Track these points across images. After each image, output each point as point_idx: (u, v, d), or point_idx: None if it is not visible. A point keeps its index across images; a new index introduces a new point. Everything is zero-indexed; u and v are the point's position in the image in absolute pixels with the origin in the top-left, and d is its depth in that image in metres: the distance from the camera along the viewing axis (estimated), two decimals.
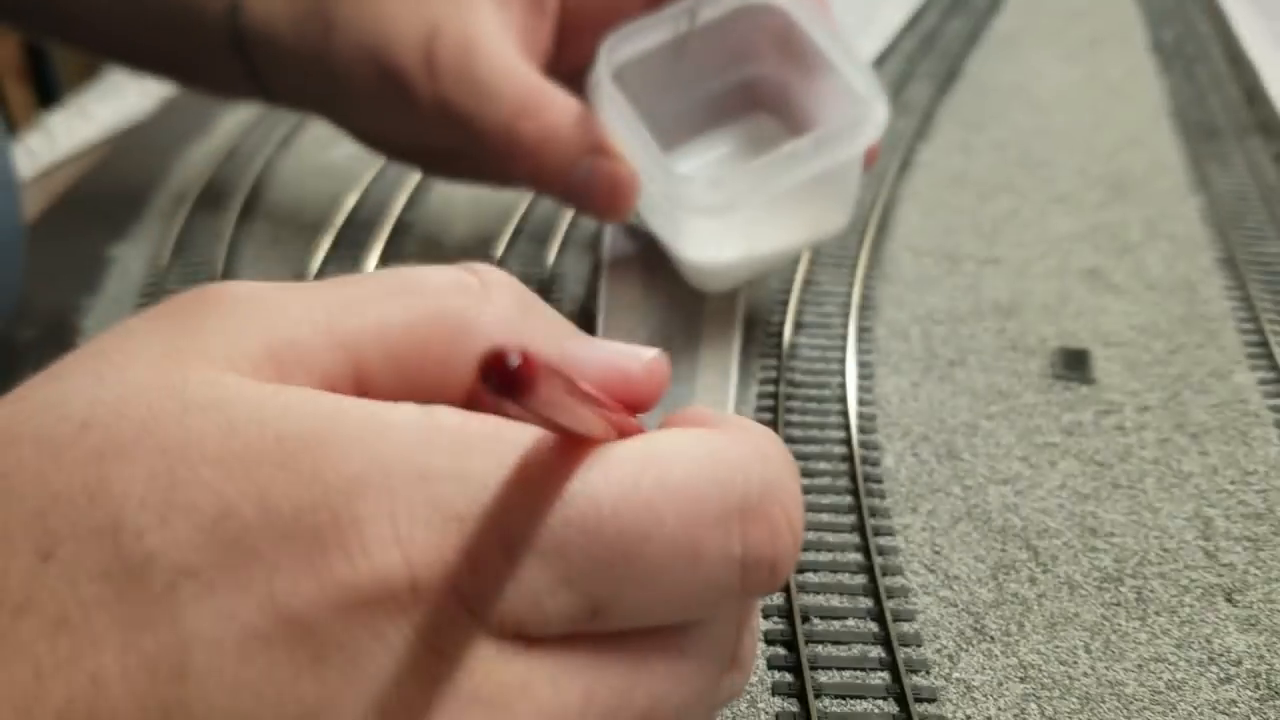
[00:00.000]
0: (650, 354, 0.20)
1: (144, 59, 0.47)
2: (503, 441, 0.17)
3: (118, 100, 0.71)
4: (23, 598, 0.16)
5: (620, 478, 0.17)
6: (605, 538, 0.17)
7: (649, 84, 0.40)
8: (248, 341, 0.18)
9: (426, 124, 0.37)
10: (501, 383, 0.13)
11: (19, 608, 0.16)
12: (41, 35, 0.51)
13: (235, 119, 0.66)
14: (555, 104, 0.36)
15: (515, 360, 0.13)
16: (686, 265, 0.43)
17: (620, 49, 0.39)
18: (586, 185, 0.37)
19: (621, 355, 0.20)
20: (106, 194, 0.59)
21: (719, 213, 0.38)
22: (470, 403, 0.18)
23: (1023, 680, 0.33)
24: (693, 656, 0.19)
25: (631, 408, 0.21)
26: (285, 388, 0.17)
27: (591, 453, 0.17)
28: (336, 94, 0.40)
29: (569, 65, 0.42)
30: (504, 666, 0.17)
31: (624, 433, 0.18)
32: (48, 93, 1.36)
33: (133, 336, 0.18)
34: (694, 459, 0.18)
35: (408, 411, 0.17)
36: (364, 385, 0.19)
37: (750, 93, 0.45)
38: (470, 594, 0.16)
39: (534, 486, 0.17)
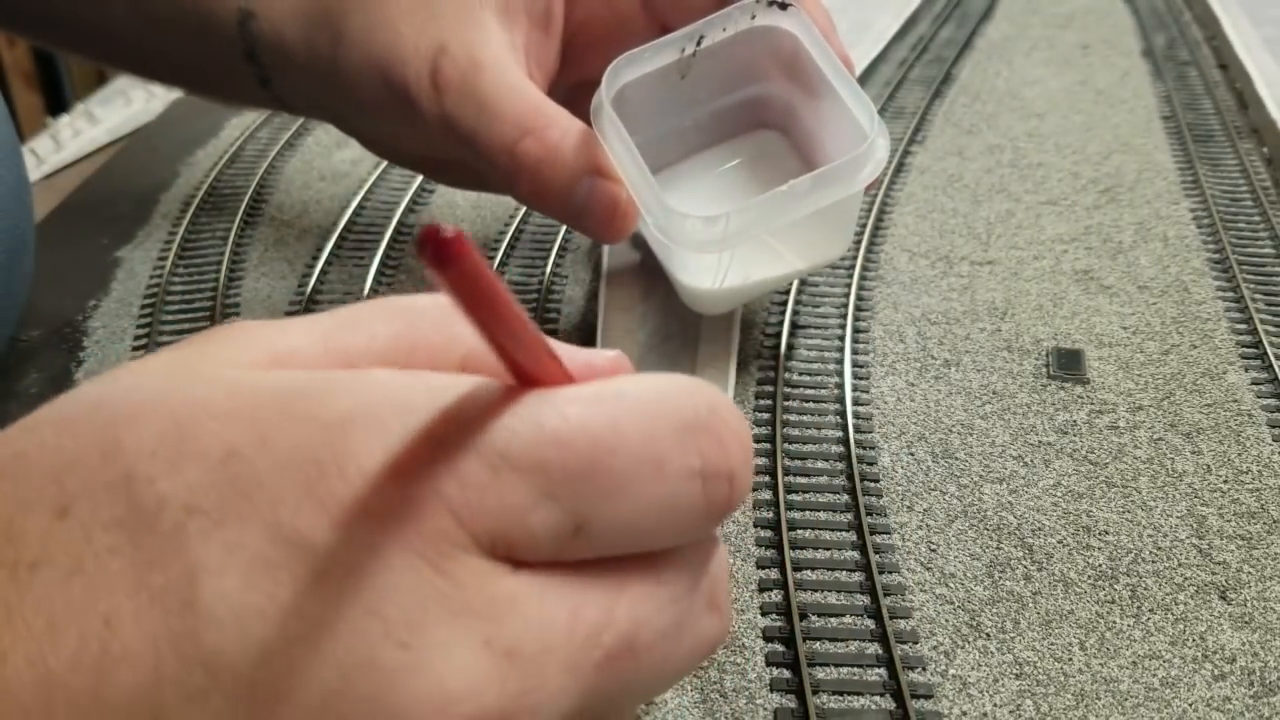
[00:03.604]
0: (614, 352, 0.22)
1: (157, 68, 0.47)
2: (475, 384, 0.19)
3: (123, 104, 0.71)
4: (38, 553, 0.17)
5: (583, 398, 0.19)
6: (577, 449, 0.18)
7: (653, 100, 0.40)
8: (252, 351, 0.20)
9: (431, 138, 0.38)
10: (434, 252, 0.14)
11: (34, 563, 0.17)
12: (56, 46, 0.51)
13: (240, 123, 0.67)
14: (557, 124, 0.36)
15: (449, 232, 0.14)
16: (682, 289, 0.44)
17: (624, 73, 0.38)
18: (585, 206, 0.37)
19: (587, 351, 0.22)
20: (112, 197, 0.60)
21: (712, 250, 0.38)
22: None
23: (1018, 677, 0.33)
24: (668, 582, 0.20)
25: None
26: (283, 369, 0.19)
27: (554, 388, 0.19)
28: (344, 104, 0.40)
29: (575, 80, 0.42)
30: (494, 582, 0.17)
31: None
32: (59, 101, 1.37)
33: (147, 358, 0.20)
34: (645, 388, 0.19)
35: (388, 370, 0.19)
36: None
37: (756, 109, 0.45)
38: (460, 508, 0.17)
39: (507, 410, 0.18)
